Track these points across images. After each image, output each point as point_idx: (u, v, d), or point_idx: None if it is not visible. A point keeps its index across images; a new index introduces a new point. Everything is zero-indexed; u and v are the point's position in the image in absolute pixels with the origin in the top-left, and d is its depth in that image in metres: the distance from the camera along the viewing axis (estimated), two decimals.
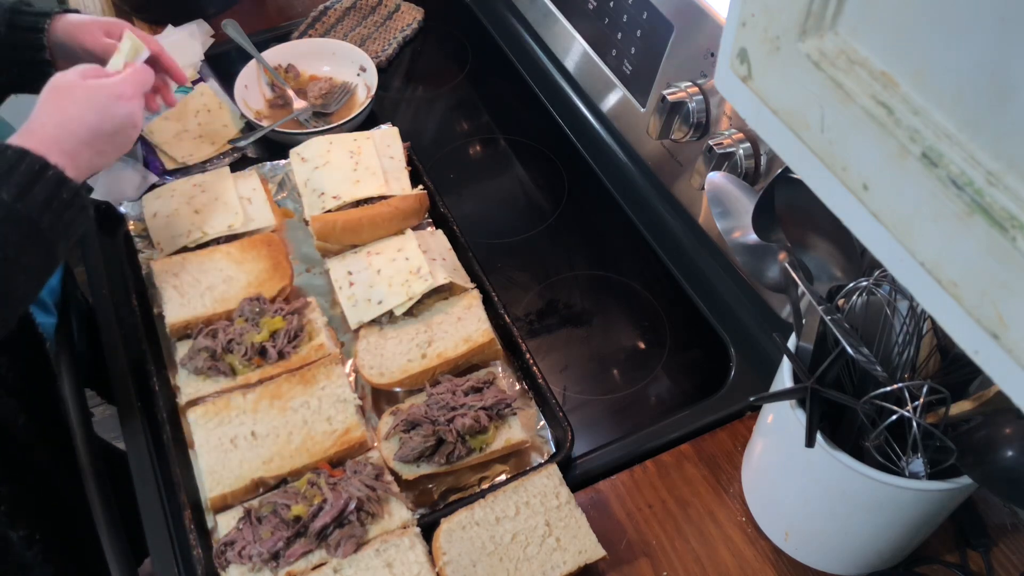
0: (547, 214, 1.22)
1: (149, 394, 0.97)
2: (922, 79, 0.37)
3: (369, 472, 0.87)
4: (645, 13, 1.09)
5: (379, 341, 0.99)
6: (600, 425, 0.99)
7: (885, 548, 0.79)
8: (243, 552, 0.82)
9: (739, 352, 1.02)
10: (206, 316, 1.00)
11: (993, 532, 0.86)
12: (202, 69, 1.35)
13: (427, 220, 1.16)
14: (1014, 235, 0.34)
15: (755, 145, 0.94)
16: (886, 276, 0.70)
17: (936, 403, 0.68)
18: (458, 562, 0.81)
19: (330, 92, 1.32)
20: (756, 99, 0.47)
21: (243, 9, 1.48)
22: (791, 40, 0.43)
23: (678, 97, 1.00)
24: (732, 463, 0.93)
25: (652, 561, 0.86)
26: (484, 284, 1.04)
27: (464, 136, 1.35)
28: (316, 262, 1.11)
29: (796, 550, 0.85)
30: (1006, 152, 0.34)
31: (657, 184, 1.17)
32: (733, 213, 0.86)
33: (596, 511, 0.89)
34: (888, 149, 0.39)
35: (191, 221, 1.10)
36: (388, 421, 0.93)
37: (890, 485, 0.68)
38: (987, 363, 0.38)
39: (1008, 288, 0.35)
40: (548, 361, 1.04)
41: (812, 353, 0.75)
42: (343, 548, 0.82)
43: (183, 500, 0.87)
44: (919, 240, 0.39)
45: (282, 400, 0.93)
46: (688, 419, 0.97)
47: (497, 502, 0.85)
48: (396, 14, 1.50)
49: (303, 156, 1.15)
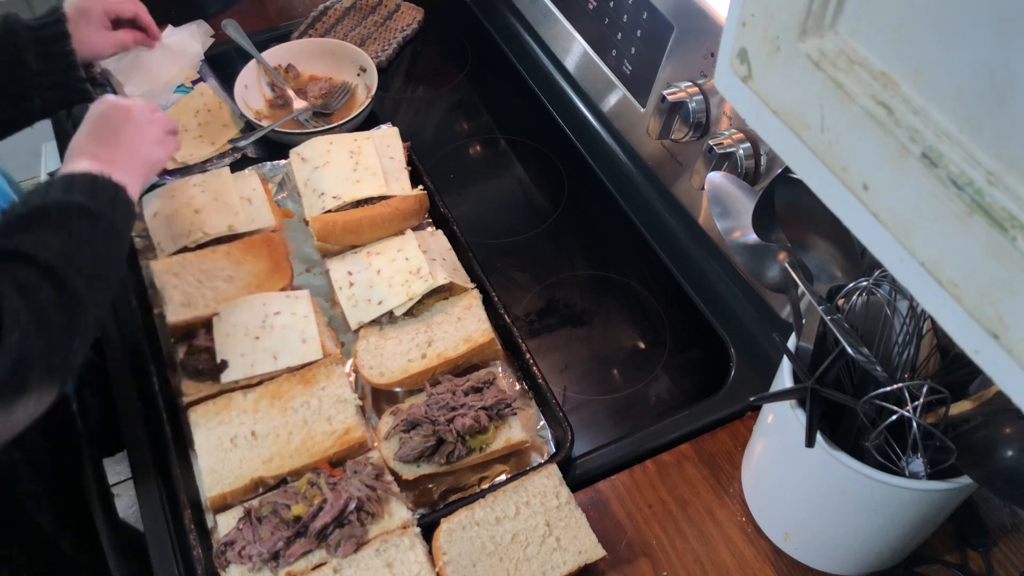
0: (547, 214, 1.22)
1: (149, 394, 0.97)
2: (922, 79, 0.37)
3: (369, 472, 0.87)
4: (645, 13, 1.09)
5: (379, 341, 0.99)
6: (600, 425, 0.99)
7: (885, 548, 0.79)
8: (243, 552, 0.82)
9: (739, 352, 1.02)
10: (206, 316, 1.00)
11: (993, 532, 0.86)
12: (202, 69, 1.35)
13: (427, 220, 1.16)
14: (1014, 235, 0.34)
15: (755, 145, 0.94)
16: (886, 276, 0.70)
17: (936, 403, 0.68)
18: (458, 562, 0.81)
19: (330, 92, 1.32)
20: (756, 99, 0.47)
21: (243, 9, 1.48)
22: (791, 40, 0.43)
23: (678, 97, 1.00)
24: (732, 463, 0.93)
25: (652, 561, 0.86)
26: (484, 284, 1.04)
27: (464, 136, 1.35)
28: (316, 262, 1.11)
29: (796, 550, 0.85)
30: (1006, 152, 0.34)
31: (657, 184, 1.17)
32: (733, 213, 0.86)
33: (596, 511, 0.89)
34: (888, 149, 0.39)
35: (191, 221, 1.09)
36: (388, 421, 0.93)
37: (890, 485, 0.68)
38: (987, 363, 0.38)
39: (1008, 288, 0.35)
40: (548, 361, 1.04)
41: (812, 353, 0.75)
42: (343, 548, 0.82)
43: (183, 500, 0.87)
44: (919, 240, 0.39)
45: (282, 400, 0.93)
46: (688, 419, 0.97)
47: (497, 502, 0.85)
48: (396, 14, 1.50)
49: (303, 156, 1.15)
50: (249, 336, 0.97)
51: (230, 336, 0.97)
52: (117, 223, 0.84)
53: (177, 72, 1.33)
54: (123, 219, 0.86)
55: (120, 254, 0.86)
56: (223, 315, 0.99)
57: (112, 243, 0.83)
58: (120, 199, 0.85)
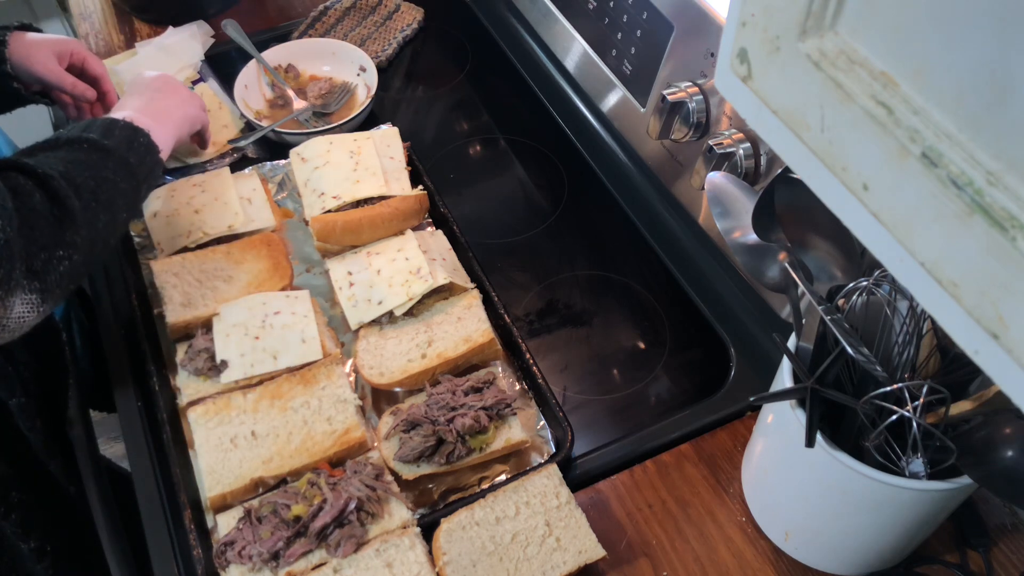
0: (547, 214, 1.22)
1: (149, 394, 0.97)
2: (922, 79, 0.37)
3: (369, 472, 0.87)
4: (645, 13, 1.09)
5: (379, 341, 0.99)
6: (600, 425, 0.99)
7: (885, 548, 0.79)
8: (243, 552, 0.82)
9: (739, 352, 1.02)
10: (206, 316, 1.00)
11: (993, 532, 0.86)
12: (202, 69, 1.35)
13: (427, 220, 1.16)
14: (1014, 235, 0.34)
15: (755, 145, 0.94)
16: (886, 276, 0.70)
17: (936, 403, 0.68)
18: (458, 562, 0.81)
19: (330, 92, 1.32)
20: (756, 99, 0.47)
21: (243, 9, 1.48)
22: (791, 40, 0.43)
23: (678, 97, 1.00)
24: (732, 463, 0.93)
25: (652, 561, 0.86)
26: (484, 284, 1.04)
27: (464, 136, 1.35)
28: (316, 262, 1.11)
29: (796, 550, 0.85)
30: (1006, 152, 0.34)
31: (657, 184, 1.17)
32: (733, 213, 0.86)
33: (596, 511, 0.89)
34: (888, 149, 0.39)
35: (191, 221, 1.09)
36: (388, 421, 0.93)
37: (890, 485, 0.68)
38: (987, 363, 0.38)
39: (1008, 288, 0.35)
40: (548, 361, 1.04)
41: (812, 353, 0.75)
42: (343, 548, 0.82)
43: (183, 500, 0.87)
44: (919, 240, 0.39)
45: (282, 400, 0.93)
46: (688, 419, 0.97)
47: (497, 502, 0.85)
48: (396, 14, 1.50)
49: (303, 156, 1.15)
50: (249, 336, 0.97)
51: (230, 336, 0.97)
52: (130, 160, 0.88)
53: (177, 72, 1.33)
54: (140, 160, 0.89)
55: (132, 189, 0.88)
56: (223, 315, 0.99)
57: (121, 175, 0.86)
58: (139, 141, 0.90)
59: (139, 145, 0.90)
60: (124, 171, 0.87)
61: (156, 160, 0.93)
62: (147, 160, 0.91)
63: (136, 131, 0.91)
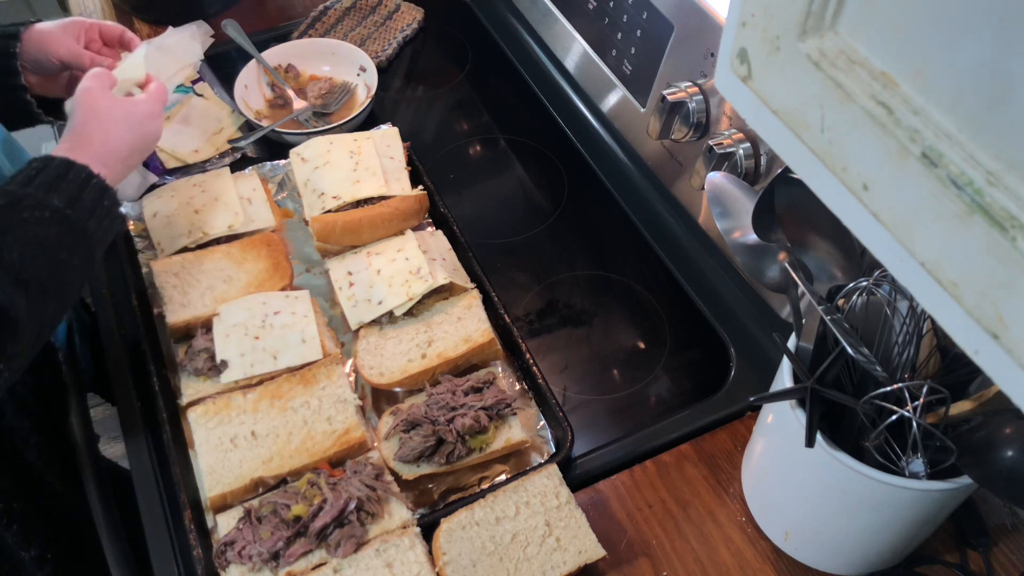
0: (547, 214, 1.22)
1: (149, 394, 0.97)
2: (922, 79, 0.37)
3: (369, 472, 0.87)
4: (645, 13, 1.09)
5: (379, 341, 0.99)
6: (600, 425, 0.99)
7: (885, 548, 0.79)
8: (243, 552, 0.82)
9: (739, 352, 1.02)
10: (206, 316, 1.00)
11: (993, 532, 0.86)
12: (202, 69, 1.35)
13: (427, 220, 1.16)
14: (1014, 235, 0.34)
15: (755, 145, 0.94)
16: (886, 276, 0.70)
17: (936, 403, 0.68)
18: (458, 562, 0.81)
19: (330, 92, 1.32)
20: (756, 99, 0.47)
21: (243, 9, 1.48)
22: (791, 40, 0.43)
23: (678, 97, 1.00)
24: (732, 463, 0.93)
25: (652, 561, 0.86)
26: (484, 284, 1.04)
27: (464, 136, 1.35)
28: (316, 262, 1.11)
29: (796, 550, 0.85)
30: (1006, 152, 0.34)
31: (657, 184, 1.17)
32: (733, 213, 0.86)
33: (596, 511, 0.89)
34: (888, 149, 0.39)
35: (191, 221, 1.09)
36: (388, 421, 0.93)
37: (890, 485, 0.68)
38: (987, 363, 0.38)
39: (1008, 288, 0.35)
40: (548, 361, 1.04)
41: (812, 353, 0.75)
42: (343, 548, 0.82)
43: (183, 500, 0.87)
44: (919, 240, 0.39)
45: (282, 400, 0.93)
46: (688, 419, 0.97)
47: (497, 502, 0.85)
48: (396, 14, 1.50)
49: (303, 156, 1.15)
50: (249, 336, 0.97)
51: (230, 336, 0.97)
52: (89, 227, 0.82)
53: (177, 72, 1.33)
54: (99, 224, 0.84)
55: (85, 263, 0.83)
56: (223, 315, 0.99)
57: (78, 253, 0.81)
58: (103, 205, 0.84)
59: (102, 209, 0.84)
60: (83, 246, 0.82)
61: (116, 217, 0.87)
62: (106, 224, 0.85)
63: (104, 192, 0.85)
